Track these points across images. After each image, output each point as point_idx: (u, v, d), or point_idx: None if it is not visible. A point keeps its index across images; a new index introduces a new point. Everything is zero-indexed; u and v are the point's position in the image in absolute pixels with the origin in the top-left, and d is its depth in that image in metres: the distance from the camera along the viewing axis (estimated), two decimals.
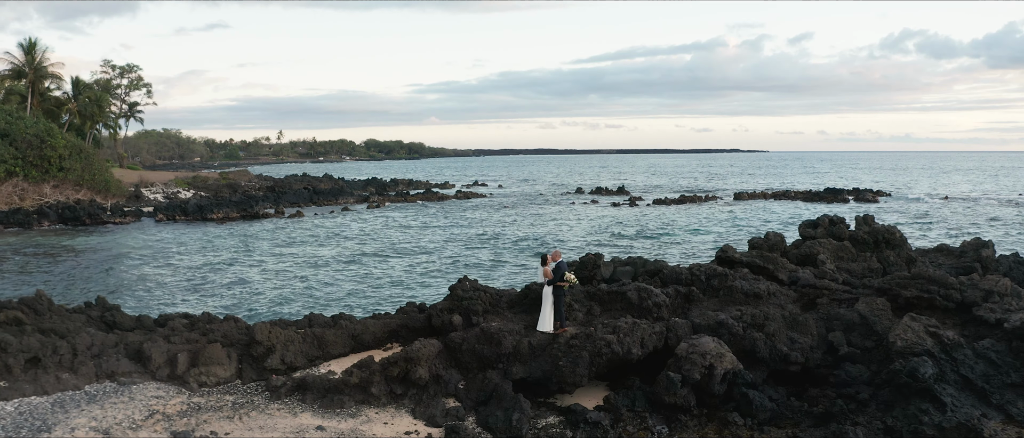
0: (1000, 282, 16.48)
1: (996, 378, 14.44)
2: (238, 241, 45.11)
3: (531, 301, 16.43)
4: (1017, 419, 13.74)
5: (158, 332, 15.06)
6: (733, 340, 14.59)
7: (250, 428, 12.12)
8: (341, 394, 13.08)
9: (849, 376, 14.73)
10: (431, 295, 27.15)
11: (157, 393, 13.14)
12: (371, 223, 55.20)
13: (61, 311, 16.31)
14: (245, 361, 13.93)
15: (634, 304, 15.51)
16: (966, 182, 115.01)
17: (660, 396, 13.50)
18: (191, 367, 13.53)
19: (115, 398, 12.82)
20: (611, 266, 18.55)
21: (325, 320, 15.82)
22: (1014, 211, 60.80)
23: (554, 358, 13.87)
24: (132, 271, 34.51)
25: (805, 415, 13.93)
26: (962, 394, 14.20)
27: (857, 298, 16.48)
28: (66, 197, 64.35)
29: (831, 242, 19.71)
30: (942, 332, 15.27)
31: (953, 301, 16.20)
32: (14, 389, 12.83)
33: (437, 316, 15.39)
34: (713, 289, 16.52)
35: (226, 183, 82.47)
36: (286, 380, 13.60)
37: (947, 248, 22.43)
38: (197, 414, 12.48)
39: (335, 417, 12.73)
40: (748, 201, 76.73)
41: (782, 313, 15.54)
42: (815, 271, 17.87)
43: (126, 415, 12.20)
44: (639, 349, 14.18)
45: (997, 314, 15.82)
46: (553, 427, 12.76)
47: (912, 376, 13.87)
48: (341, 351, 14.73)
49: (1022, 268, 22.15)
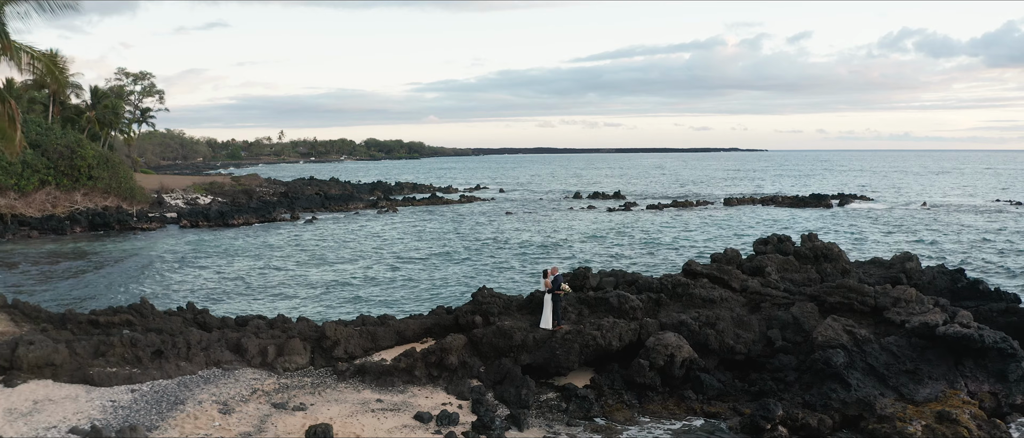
0: (907, 291, 20.73)
1: (895, 366, 18.68)
2: (263, 246, 49.30)
3: (535, 305, 20.69)
4: (907, 397, 17.98)
5: (248, 328, 19.31)
6: (691, 336, 18.85)
7: (327, 401, 16.38)
8: (392, 376, 17.34)
9: (781, 364, 18.98)
10: (447, 298, 31.38)
11: (254, 376, 17.41)
12: (384, 229, 59.35)
13: (160, 314, 20.55)
14: (317, 351, 18.20)
15: (615, 307, 19.78)
16: (954, 186, 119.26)
17: (633, 378, 17.77)
18: (277, 356, 17.80)
19: (224, 380, 17.09)
20: (598, 277, 22.81)
21: (374, 320, 20.11)
22: (984, 218, 65.05)
23: (553, 349, 18.15)
24: (171, 274, 38.71)
25: (744, 392, 18.21)
26: (866, 378, 18.44)
27: (793, 303, 20.75)
28: (95, 204, 68.52)
29: (778, 257, 23.98)
30: (856, 330, 19.52)
31: (868, 306, 20.45)
32: (146, 374, 17.06)
33: (463, 316, 19.67)
34: (677, 295, 20.80)
35: (241, 189, 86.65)
36: (349, 366, 17.85)
37: (879, 260, 26.68)
38: (286, 391, 16.74)
39: (388, 393, 16.99)
40: (737, 206, 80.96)
41: (731, 315, 19.82)
42: (762, 281, 22.13)
43: (236, 392, 16.46)
44: (618, 342, 18.45)
45: (902, 316, 20.06)
46: (551, 400, 17.06)
47: (826, 364, 18.15)
48: (389, 344, 19.02)
49: (945, 277, 26.41)
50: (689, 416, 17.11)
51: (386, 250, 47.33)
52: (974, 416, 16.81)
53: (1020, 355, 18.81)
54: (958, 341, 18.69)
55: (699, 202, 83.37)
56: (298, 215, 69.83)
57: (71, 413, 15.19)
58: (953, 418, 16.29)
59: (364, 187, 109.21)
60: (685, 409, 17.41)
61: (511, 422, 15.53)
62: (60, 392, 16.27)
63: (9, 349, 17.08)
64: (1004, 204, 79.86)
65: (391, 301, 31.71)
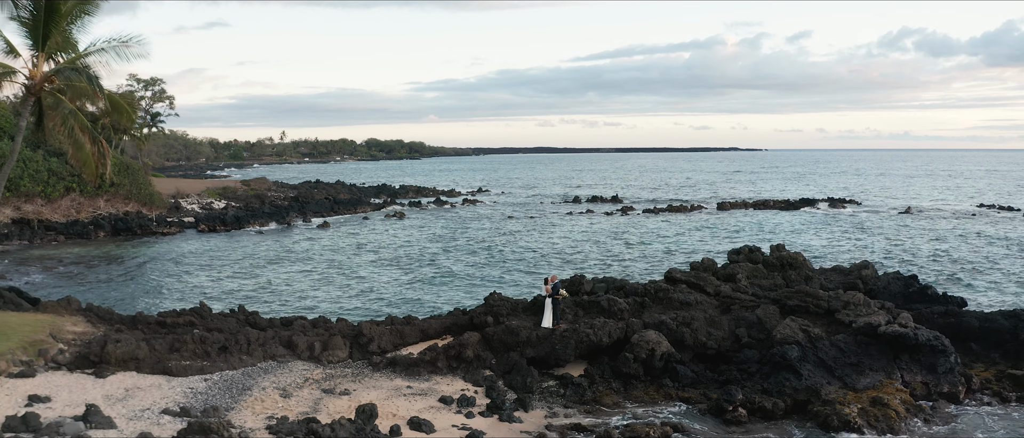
0: (856, 296, 24.17)
1: (841, 359, 22.10)
2: (280, 250, 52.72)
3: (537, 307, 24.13)
4: (849, 386, 21.38)
5: (295, 327, 22.76)
6: (669, 333, 22.30)
7: (366, 387, 19.82)
8: (418, 367, 20.79)
9: (745, 357, 22.41)
10: (462, 299, 34.83)
11: (305, 367, 20.86)
12: (395, 234, 62.78)
13: (217, 315, 23.99)
14: (354, 347, 21.65)
15: (605, 309, 23.22)
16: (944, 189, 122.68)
17: (620, 368, 21.20)
18: (322, 351, 21.25)
19: (280, 370, 20.54)
20: (591, 283, 26.25)
21: (401, 319, 23.60)
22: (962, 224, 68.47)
23: (552, 344, 21.60)
24: (202, 278, 42.12)
25: (713, 381, 21.65)
26: (816, 369, 21.86)
27: (758, 305, 24.19)
28: (116, 209, 71.98)
29: (748, 265, 27.45)
30: (811, 329, 22.95)
31: (822, 308, 23.89)
32: (214, 366, 20.49)
33: (477, 317, 23.14)
34: (659, 299, 24.25)
35: (253, 193, 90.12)
36: (382, 359, 21.29)
37: (840, 268, 30.14)
38: (332, 379, 20.18)
39: (416, 381, 20.43)
40: (730, 210, 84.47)
41: (705, 315, 23.27)
42: (733, 286, 25.58)
43: (291, 380, 19.90)
44: (607, 339, 21.91)
45: (850, 317, 23.49)
46: (552, 387, 20.50)
47: (782, 357, 21.58)
48: (414, 340, 22.49)
49: (899, 282, 29.81)
50: (667, 401, 20.54)
51: (401, 252, 50.80)
52: (903, 401, 20.26)
53: (949, 351, 22.23)
54: (896, 339, 22.14)
55: (693, 206, 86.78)
56: (310, 219, 73.27)
57: (159, 398, 18.62)
58: (884, 403, 19.73)
59: (370, 190, 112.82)
60: (663, 395, 20.83)
61: (518, 404, 18.97)
62: (145, 382, 19.71)
63: (99, 346, 20.52)
64: (984, 209, 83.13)
65: (412, 300, 35.19)
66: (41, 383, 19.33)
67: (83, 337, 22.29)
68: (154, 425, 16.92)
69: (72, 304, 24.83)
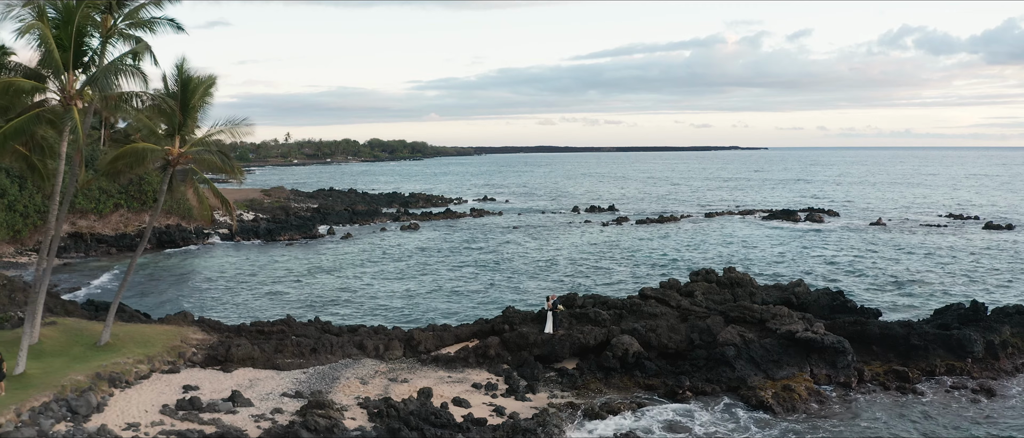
0: (782, 309, 31.92)
1: (766, 357, 29.83)
2: (313, 260, 60.46)
3: (541, 318, 31.89)
4: (770, 376, 29.09)
5: (361, 332, 30.54)
6: (640, 337, 30.04)
7: (419, 377, 27.61)
8: (454, 362, 28.57)
9: (697, 355, 30.10)
10: (482, 308, 42.56)
11: (373, 363, 28.66)
12: (414, 245, 70.50)
13: (301, 324, 31.76)
14: (407, 347, 29.43)
15: (592, 319, 30.99)
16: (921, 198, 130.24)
17: (602, 363, 28.97)
18: (385, 350, 29.04)
19: (356, 365, 28.33)
20: (582, 299, 34.05)
21: (440, 327, 31.44)
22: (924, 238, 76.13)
23: (553, 345, 29.38)
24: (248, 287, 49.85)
25: (671, 373, 29.37)
26: (748, 365, 29.59)
27: (709, 316, 31.96)
28: (159, 223, 79.91)
29: (704, 283, 35.23)
30: (747, 334, 30.71)
31: (756, 318, 31.64)
32: (308, 363, 28.27)
33: (497, 324, 30.93)
34: (633, 311, 32.02)
35: (278, 205, 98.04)
36: (427, 356, 29.07)
37: (780, 285, 37.92)
38: (394, 371, 27.97)
39: (453, 372, 28.21)
40: (716, 218, 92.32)
41: (667, 324, 31.05)
42: (691, 301, 33.33)
43: (365, 372, 27.70)
44: (593, 341, 29.70)
45: (776, 326, 31.23)
46: (552, 377, 28.30)
47: (722, 355, 29.34)
48: (450, 342, 30.27)
49: (827, 296, 37.50)
50: (636, 387, 28.28)
51: (425, 263, 58.66)
52: (807, 388, 28.01)
53: (848, 351, 29.93)
54: (808, 342, 29.91)
55: (682, 216, 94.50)
56: (333, 230, 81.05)
57: (276, 386, 26.40)
58: (792, 388, 27.50)
59: (382, 198, 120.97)
60: (634, 383, 28.57)
61: (528, 389, 26.74)
62: (262, 374, 27.50)
63: (225, 349, 28.32)
64: (951, 219, 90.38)
65: (440, 310, 42.97)
66: (187, 377, 27.08)
67: (204, 342, 30.07)
68: (279, 403, 24.73)
69: (188, 317, 32.62)
